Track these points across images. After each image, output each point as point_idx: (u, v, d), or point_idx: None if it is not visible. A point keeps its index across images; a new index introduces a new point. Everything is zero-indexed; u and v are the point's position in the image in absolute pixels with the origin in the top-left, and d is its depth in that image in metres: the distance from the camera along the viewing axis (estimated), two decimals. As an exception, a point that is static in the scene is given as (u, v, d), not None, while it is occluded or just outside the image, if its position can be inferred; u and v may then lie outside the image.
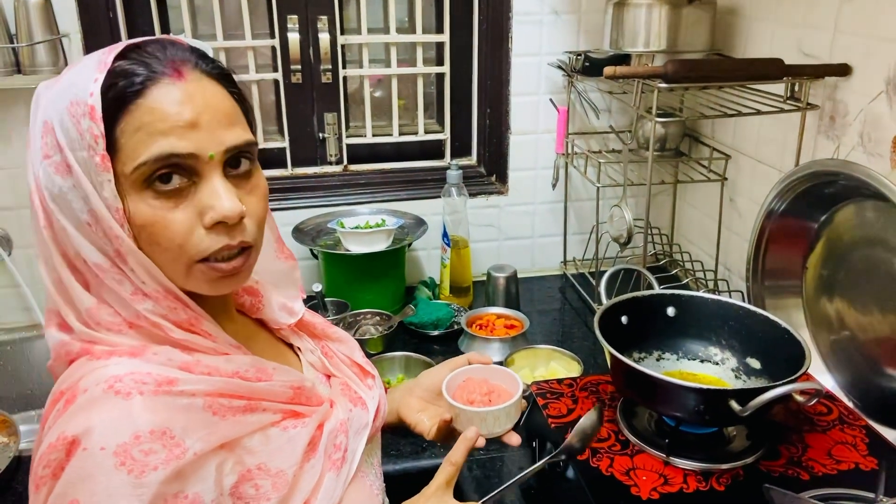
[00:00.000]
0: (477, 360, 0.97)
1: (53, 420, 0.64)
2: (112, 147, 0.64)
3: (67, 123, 0.64)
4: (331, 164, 1.83)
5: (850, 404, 1.14)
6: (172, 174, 0.65)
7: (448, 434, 0.92)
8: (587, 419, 0.89)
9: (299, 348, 0.89)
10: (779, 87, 1.34)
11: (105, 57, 0.66)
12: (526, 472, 0.88)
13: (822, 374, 1.25)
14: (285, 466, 0.71)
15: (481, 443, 0.87)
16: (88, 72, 0.65)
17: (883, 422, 1.09)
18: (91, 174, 0.64)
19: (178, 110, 0.64)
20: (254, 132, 0.72)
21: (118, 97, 0.64)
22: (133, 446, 0.61)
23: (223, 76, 0.70)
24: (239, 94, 0.72)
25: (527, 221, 1.87)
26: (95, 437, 0.60)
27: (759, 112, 1.29)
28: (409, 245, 1.67)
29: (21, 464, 1.20)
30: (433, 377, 0.97)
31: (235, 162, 0.69)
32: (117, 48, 0.67)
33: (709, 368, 1.13)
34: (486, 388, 0.94)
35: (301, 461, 0.73)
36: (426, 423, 0.93)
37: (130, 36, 1.62)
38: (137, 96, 0.64)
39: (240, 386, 0.70)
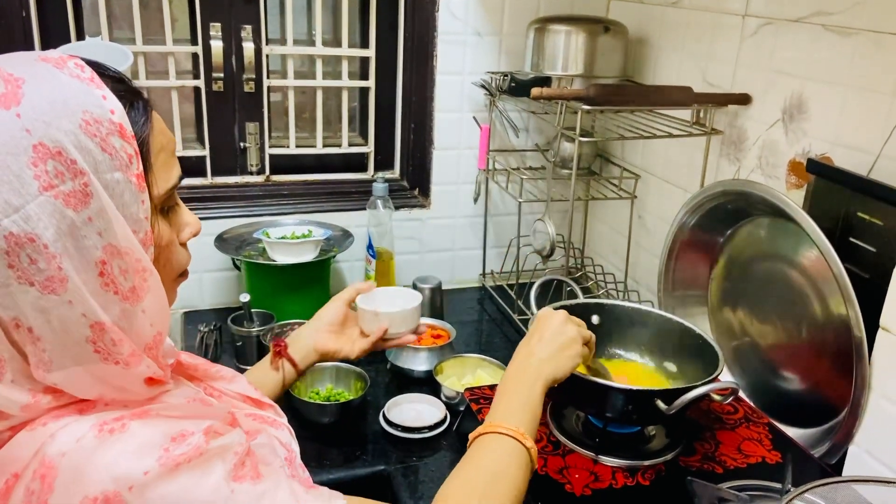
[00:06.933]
0: (364, 289, 1.15)
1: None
2: (144, 168, 0.61)
3: (88, 144, 0.57)
4: (252, 173, 1.82)
5: (752, 404, 1.25)
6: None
7: (368, 349, 1.11)
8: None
9: None
10: (685, 113, 1.45)
11: (80, 72, 0.59)
12: None
13: (725, 377, 1.35)
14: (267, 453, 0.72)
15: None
16: (80, 87, 0.58)
17: (779, 420, 1.20)
18: (122, 198, 0.59)
19: (170, 134, 0.67)
20: None
21: (142, 117, 0.62)
22: (171, 452, 0.58)
23: None
24: None
25: (447, 234, 1.91)
26: (133, 471, 0.56)
27: (671, 135, 1.39)
28: (334, 256, 1.68)
29: None
30: (332, 311, 1.12)
31: None
32: (68, 58, 0.60)
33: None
34: None
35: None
36: (346, 347, 1.10)
37: (44, 37, 1.55)
38: (150, 117, 0.63)
39: (198, 408, 0.70)
